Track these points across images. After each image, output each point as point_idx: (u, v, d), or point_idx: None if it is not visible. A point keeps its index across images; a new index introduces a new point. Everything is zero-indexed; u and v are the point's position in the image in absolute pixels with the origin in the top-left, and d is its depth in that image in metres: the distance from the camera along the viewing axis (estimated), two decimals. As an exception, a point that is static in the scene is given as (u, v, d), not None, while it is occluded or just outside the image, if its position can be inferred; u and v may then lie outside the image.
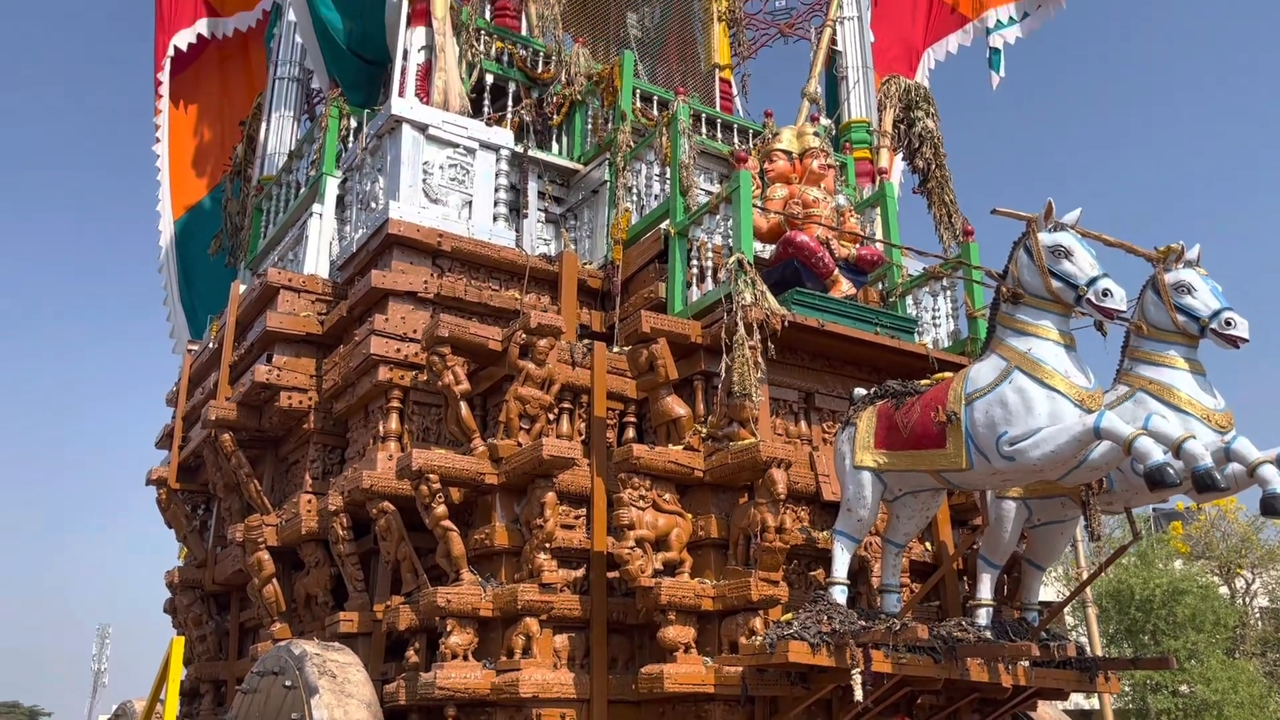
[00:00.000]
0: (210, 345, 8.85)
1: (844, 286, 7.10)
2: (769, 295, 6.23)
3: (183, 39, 10.52)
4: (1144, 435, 4.42)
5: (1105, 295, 4.73)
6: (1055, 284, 4.87)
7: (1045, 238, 4.96)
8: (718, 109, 10.23)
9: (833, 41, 10.68)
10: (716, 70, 10.93)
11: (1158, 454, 4.36)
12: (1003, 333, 5.06)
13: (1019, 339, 4.95)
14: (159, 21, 10.56)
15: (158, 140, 10.66)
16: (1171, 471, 4.33)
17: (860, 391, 5.95)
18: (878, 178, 8.77)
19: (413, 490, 6.05)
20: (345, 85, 8.66)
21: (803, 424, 6.75)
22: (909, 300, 7.89)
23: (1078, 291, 4.80)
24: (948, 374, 5.58)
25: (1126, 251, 5.41)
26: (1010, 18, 11.29)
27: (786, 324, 6.16)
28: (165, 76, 10.53)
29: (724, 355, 5.97)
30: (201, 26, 10.61)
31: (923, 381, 5.69)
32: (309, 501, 7.21)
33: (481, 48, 8.66)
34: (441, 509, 6.00)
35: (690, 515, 6.05)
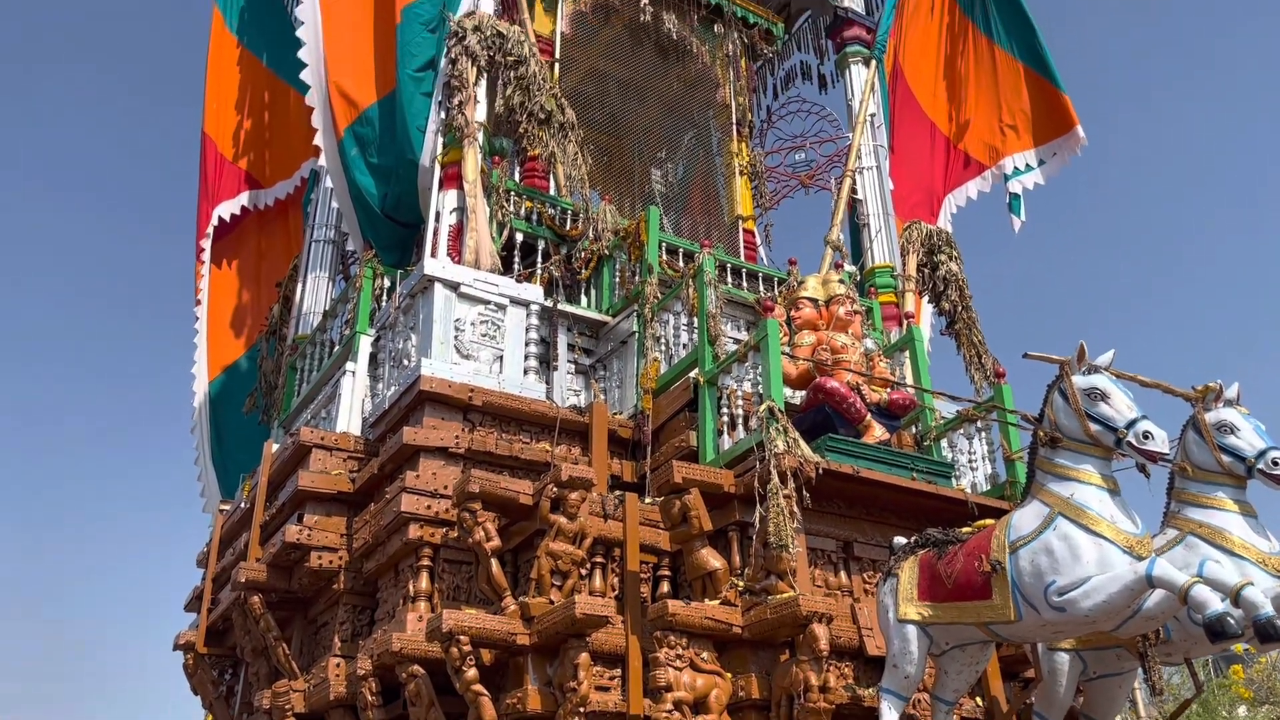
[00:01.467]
0: (242, 505, 8.85)
1: (877, 432, 7.03)
2: (802, 442, 6.17)
3: (226, 209, 10.98)
4: (1200, 583, 4.25)
5: (1146, 438, 4.63)
6: (1093, 427, 4.79)
7: (1080, 381, 4.90)
8: (742, 258, 10.43)
9: (853, 191, 10.95)
10: (740, 221, 11.19)
11: (1216, 603, 4.18)
12: (1043, 478, 4.95)
13: (1060, 484, 4.83)
14: (203, 192, 11.04)
15: (198, 303, 10.98)
16: (1232, 621, 4.14)
17: (900, 540, 5.80)
18: (904, 321, 8.81)
19: (443, 653, 5.90)
20: (379, 247, 8.92)
21: (842, 575, 6.57)
22: (944, 444, 7.80)
23: (1117, 434, 4.71)
24: (989, 521, 5.44)
25: (1164, 392, 5.33)
26: (1027, 164, 11.54)
27: (821, 471, 6.07)
28: (208, 244, 10.94)
29: (758, 505, 5.88)
30: (244, 199, 11.08)
31: (964, 529, 5.55)
32: (338, 666, 7.04)
33: (511, 208, 8.92)
34: (472, 672, 5.82)
35: (729, 674, 5.83)
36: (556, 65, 10.44)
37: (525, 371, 7.84)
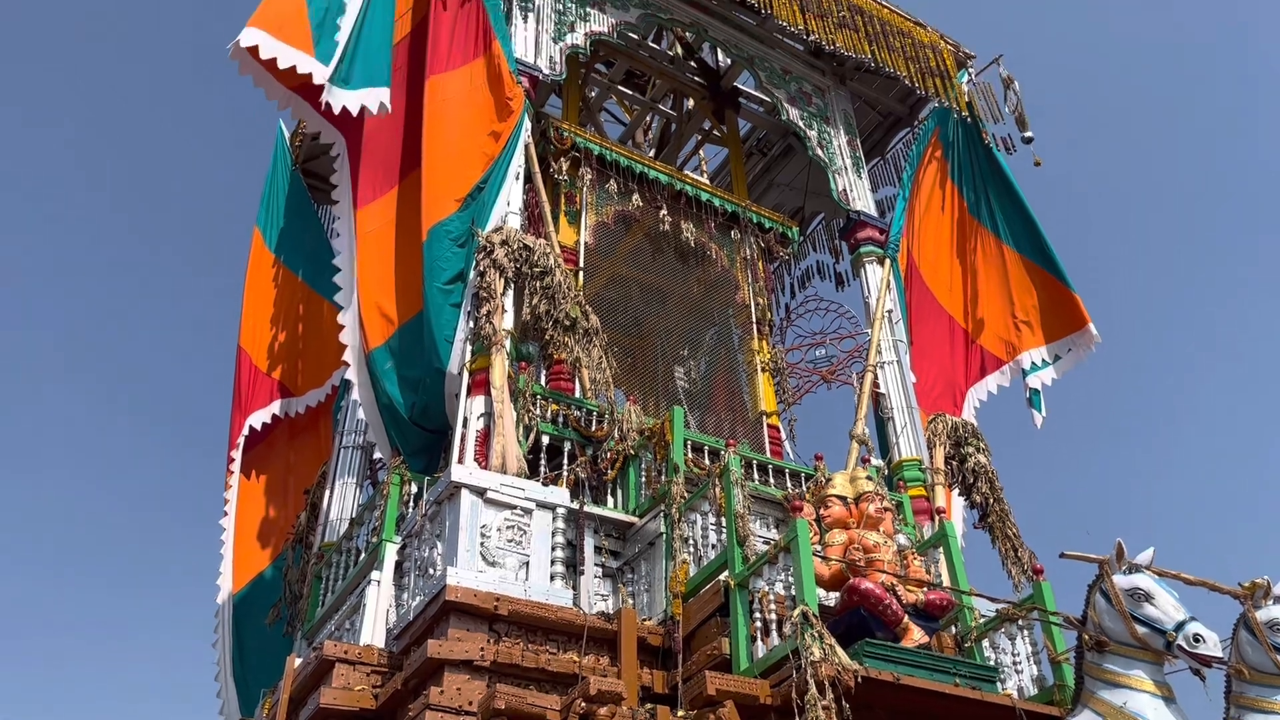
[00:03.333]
0: (262, 722, 8.57)
1: (915, 635, 6.80)
2: (838, 649, 5.98)
3: (258, 419, 11.19)
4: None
5: (1197, 640, 4.47)
6: (1140, 630, 4.63)
7: (1121, 581, 4.78)
8: (768, 454, 10.42)
9: (875, 385, 11.05)
10: (764, 417, 11.25)
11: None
12: (1093, 684, 4.76)
13: (1112, 692, 4.64)
14: (236, 403, 11.29)
15: (225, 514, 11.02)
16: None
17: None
18: (936, 516, 8.69)
19: None
20: (407, 454, 9.00)
21: (888, 791, 6.21)
22: (986, 645, 7.51)
23: (1166, 637, 4.55)
24: (1040, 731, 5.18)
25: (1209, 590, 5.17)
26: (1043, 360, 11.69)
27: (860, 680, 5.84)
28: (238, 454, 11.09)
29: (796, 717, 5.63)
30: (275, 407, 11.31)
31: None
32: None
33: (538, 411, 9.03)
34: None
35: None
36: (580, 273, 10.81)
37: (552, 578, 7.71)
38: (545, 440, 8.94)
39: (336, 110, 8.90)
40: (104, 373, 37.41)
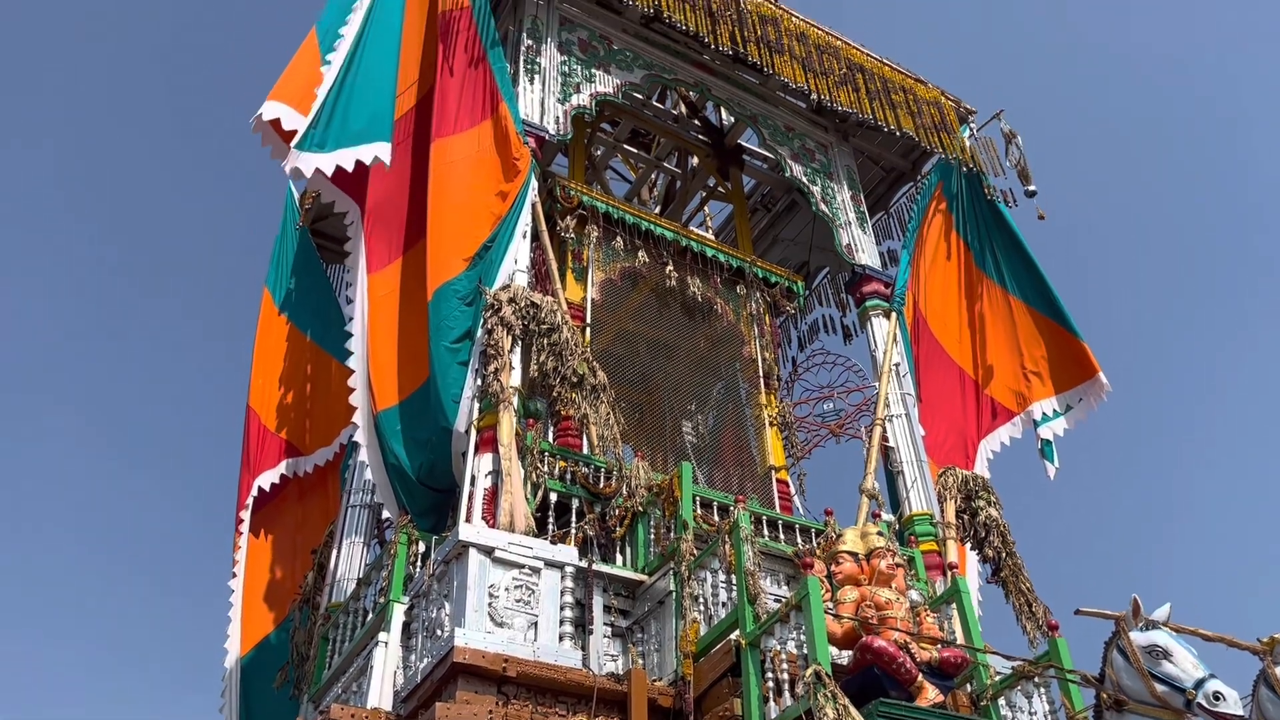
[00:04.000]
0: (267, 789, 8.43)
1: (930, 693, 6.69)
2: (852, 709, 5.88)
3: (267, 479, 11.17)
4: None
5: (1217, 699, 4.39)
6: (1160, 688, 4.56)
7: (1138, 637, 4.72)
8: (777, 510, 10.36)
9: (884, 439, 11.01)
10: (773, 471, 11.21)
11: None
12: (1113, 744, 4.67)
13: (1132, 752, 4.54)
14: (245, 463, 11.28)
15: (234, 575, 10.95)
16: None
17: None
18: (949, 572, 8.60)
19: None
20: (415, 514, 8.96)
21: None
22: (1002, 703, 7.39)
23: (1186, 695, 4.47)
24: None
25: (1228, 645, 5.09)
26: (1055, 410, 11.65)
27: (874, 741, 5.74)
28: (247, 515, 11.04)
29: (811, 782, 5.52)
30: (284, 467, 11.30)
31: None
32: None
33: (545, 468, 9.01)
34: None
35: None
36: (587, 329, 10.85)
37: (560, 638, 7.63)
38: (553, 497, 8.90)
39: (308, 173, 8.93)
40: (113, 434, 37.50)
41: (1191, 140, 40.21)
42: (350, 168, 9.12)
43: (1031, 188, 12.72)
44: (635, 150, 15.12)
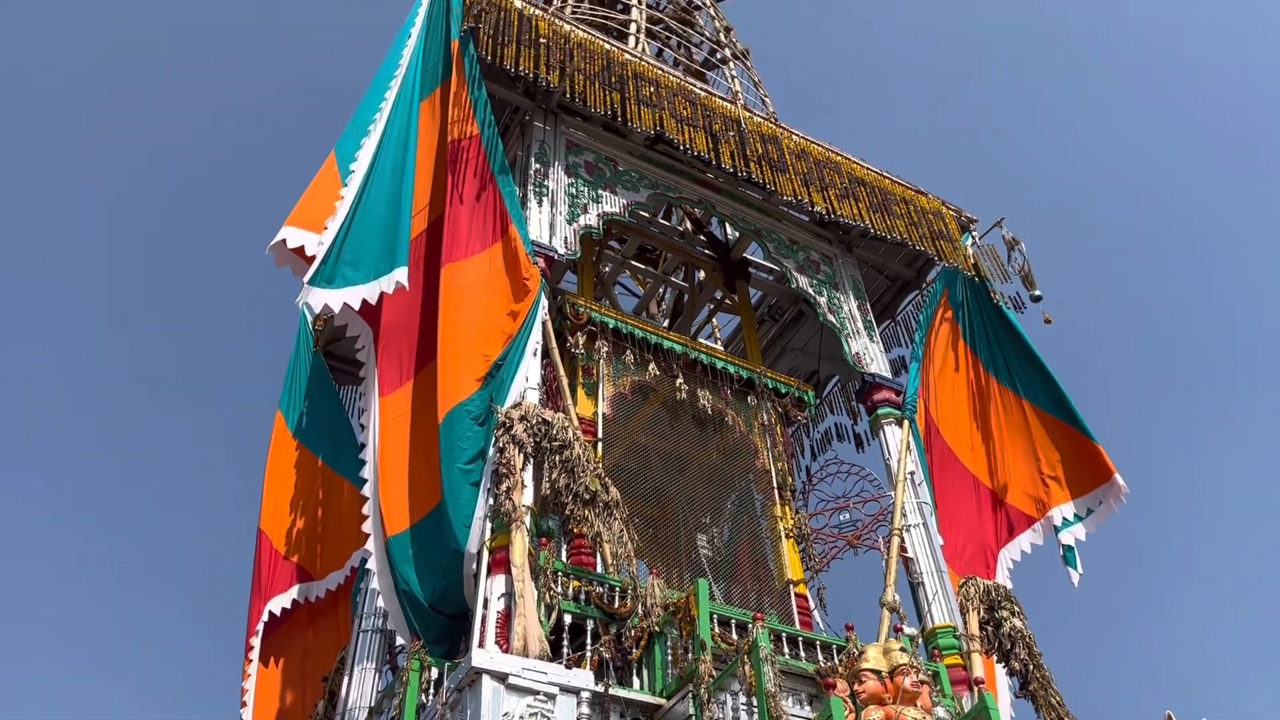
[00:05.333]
0: None
1: (963, 819, 6.44)
2: (882, 840, 5.64)
3: (278, 604, 11.02)
4: None
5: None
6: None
7: (1176, 759, 4.54)
8: (797, 625, 10.15)
9: (903, 549, 10.84)
10: (791, 585, 11.01)
11: None
12: None
13: None
14: (255, 588, 11.15)
15: (244, 705, 10.69)
16: None
17: None
18: (975, 687, 8.36)
19: None
20: (427, 639, 8.80)
21: None
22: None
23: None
24: None
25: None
26: (1074, 515, 11.50)
27: None
28: (258, 641, 10.87)
29: None
30: (295, 592, 11.16)
31: None
32: None
33: (559, 588, 8.87)
34: None
35: None
36: (599, 444, 10.83)
37: (579, 770, 7.39)
38: (568, 619, 8.74)
39: (317, 309, 9.08)
40: (116, 555, 37.19)
41: (1201, 232, 40.72)
42: (356, 305, 9.26)
43: (1037, 292, 12.84)
44: (643, 266, 15.36)
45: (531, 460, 9.14)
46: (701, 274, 15.04)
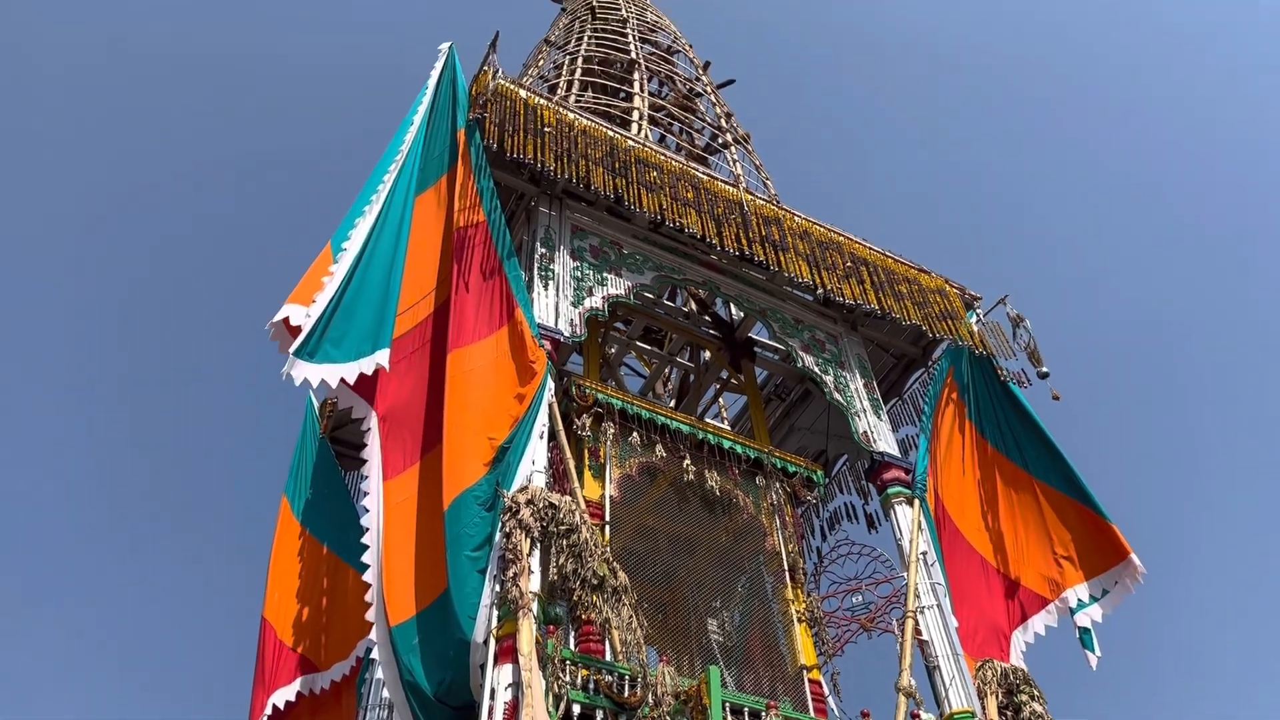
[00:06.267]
0: None
1: None
2: None
3: (281, 697, 10.79)
4: None
5: None
6: None
7: None
8: (811, 713, 9.91)
9: (917, 631, 10.64)
10: (804, 671, 10.77)
11: None
12: None
13: None
14: (258, 679, 10.93)
15: (246, 804, 10.44)
16: None
17: None
18: (997, 777, 8.12)
19: None
20: (433, 733, 8.61)
21: None
22: None
23: None
24: None
25: None
26: (1091, 596, 11.30)
27: None
28: (261, 737, 10.63)
29: None
30: (299, 684, 10.94)
31: None
32: None
33: (567, 677, 8.69)
34: None
35: None
36: (607, 527, 10.71)
37: None
38: (576, 709, 8.55)
39: (298, 381, 9.04)
40: (115, 643, 36.61)
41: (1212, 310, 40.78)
42: (334, 383, 9.22)
43: (1044, 369, 12.82)
44: (648, 347, 15.41)
45: (538, 545, 9.04)
46: (707, 354, 15.08)
